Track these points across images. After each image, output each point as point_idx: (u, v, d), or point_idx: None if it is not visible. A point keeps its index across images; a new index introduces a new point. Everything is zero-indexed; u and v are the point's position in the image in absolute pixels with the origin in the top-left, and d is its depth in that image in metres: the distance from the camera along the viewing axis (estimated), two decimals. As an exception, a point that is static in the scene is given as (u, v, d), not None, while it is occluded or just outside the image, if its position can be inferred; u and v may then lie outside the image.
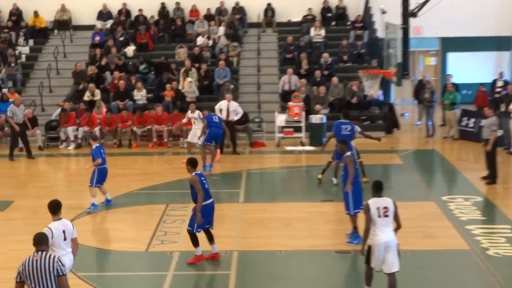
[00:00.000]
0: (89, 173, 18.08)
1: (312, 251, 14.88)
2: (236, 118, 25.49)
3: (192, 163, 14.08)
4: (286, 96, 28.81)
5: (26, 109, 26.43)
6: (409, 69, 30.67)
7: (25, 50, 33.67)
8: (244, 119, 26.68)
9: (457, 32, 34.79)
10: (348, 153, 15.26)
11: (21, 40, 33.77)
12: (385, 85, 29.97)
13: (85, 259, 13.99)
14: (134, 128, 27.06)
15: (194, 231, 13.93)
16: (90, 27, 34.12)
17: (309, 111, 27.45)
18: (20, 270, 9.26)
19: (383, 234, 11.52)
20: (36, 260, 9.20)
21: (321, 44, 32.41)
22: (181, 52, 31.98)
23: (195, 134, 23.24)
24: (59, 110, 28.09)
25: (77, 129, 27.07)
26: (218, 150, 23.68)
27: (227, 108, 25.28)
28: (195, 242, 14.00)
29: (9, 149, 25.15)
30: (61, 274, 9.23)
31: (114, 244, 15.26)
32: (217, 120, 22.36)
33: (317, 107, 27.90)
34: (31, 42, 34.31)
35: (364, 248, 11.75)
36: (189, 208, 18.05)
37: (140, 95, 28.85)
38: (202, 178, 14.02)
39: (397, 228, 11.83)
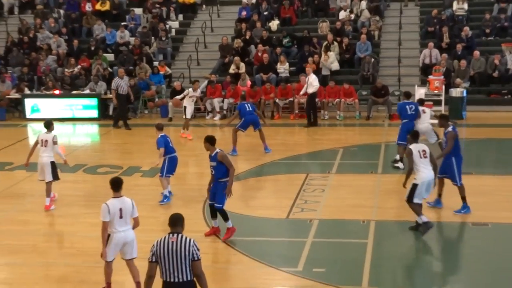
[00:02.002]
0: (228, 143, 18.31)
1: (449, 223, 14.79)
2: (310, 91, 25.15)
3: (210, 141, 13.78)
4: (426, 70, 28.46)
5: (130, 80, 27.66)
6: (555, 43, 29.56)
7: (175, 24, 34.57)
8: (384, 92, 26.56)
9: None
10: (450, 128, 15.12)
11: (172, 15, 34.69)
12: (528, 59, 29.05)
13: (229, 224, 14.42)
14: (277, 100, 27.42)
15: (223, 207, 13.83)
16: (237, 2, 34.68)
17: (449, 84, 27.02)
18: (154, 251, 8.85)
19: (428, 173, 13.81)
20: (172, 243, 8.77)
21: (464, 18, 31.71)
22: (324, 26, 32.03)
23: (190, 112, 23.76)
24: (206, 82, 28.78)
25: (222, 101, 27.71)
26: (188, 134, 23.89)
27: (307, 80, 25.26)
28: (225, 217, 13.90)
29: (114, 119, 26.38)
30: (196, 258, 8.77)
31: (256, 211, 15.62)
32: (250, 108, 21.53)
33: (458, 80, 27.42)
34: (180, 17, 35.19)
35: (406, 183, 14.04)
36: (330, 178, 18.35)
37: (283, 68, 29.14)
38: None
39: (435, 167, 14.07)
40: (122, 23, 33.43)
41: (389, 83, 27.89)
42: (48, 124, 16.60)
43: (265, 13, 33.34)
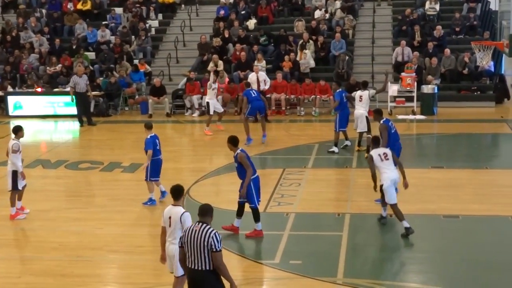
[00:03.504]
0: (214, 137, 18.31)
1: (421, 215, 14.77)
2: (266, 87, 25.94)
3: (233, 142, 13.39)
4: (399, 67, 28.53)
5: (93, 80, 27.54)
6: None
7: (155, 23, 34.40)
8: (358, 88, 26.51)
9: None
10: (381, 121, 15.31)
11: (151, 14, 34.51)
12: (496, 57, 29.20)
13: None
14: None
15: (257, 206, 13.60)
16: (215, 2, 34.56)
17: (421, 81, 27.12)
18: (181, 237, 8.93)
19: (391, 173, 13.61)
20: (195, 231, 8.75)
21: (434, 17, 31.81)
22: (299, 25, 32.01)
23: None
24: (185, 79, 28.68)
25: (201, 98, 27.56)
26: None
27: (257, 79, 25.49)
28: (257, 217, 13.62)
29: (78, 116, 26.09)
30: (214, 250, 8.65)
31: (234, 205, 15.53)
32: (255, 94, 21.88)
33: (429, 77, 27.51)
34: (160, 16, 35.02)
35: (376, 187, 13.86)
36: (306, 173, 18.33)
37: (260, 65, 29.04)
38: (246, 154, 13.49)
39: (400, 167, 13.88)
40: (103, 22, 33.22)
41: (363, 79, 27.81)
42: (16, 130, 14.92)
43: (243, 12, 33.27)
